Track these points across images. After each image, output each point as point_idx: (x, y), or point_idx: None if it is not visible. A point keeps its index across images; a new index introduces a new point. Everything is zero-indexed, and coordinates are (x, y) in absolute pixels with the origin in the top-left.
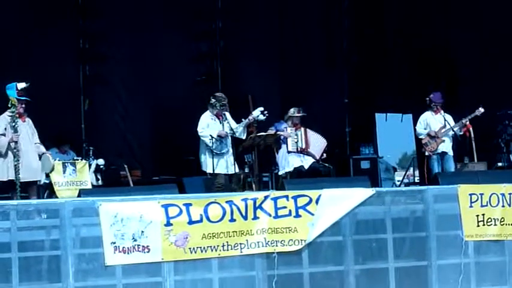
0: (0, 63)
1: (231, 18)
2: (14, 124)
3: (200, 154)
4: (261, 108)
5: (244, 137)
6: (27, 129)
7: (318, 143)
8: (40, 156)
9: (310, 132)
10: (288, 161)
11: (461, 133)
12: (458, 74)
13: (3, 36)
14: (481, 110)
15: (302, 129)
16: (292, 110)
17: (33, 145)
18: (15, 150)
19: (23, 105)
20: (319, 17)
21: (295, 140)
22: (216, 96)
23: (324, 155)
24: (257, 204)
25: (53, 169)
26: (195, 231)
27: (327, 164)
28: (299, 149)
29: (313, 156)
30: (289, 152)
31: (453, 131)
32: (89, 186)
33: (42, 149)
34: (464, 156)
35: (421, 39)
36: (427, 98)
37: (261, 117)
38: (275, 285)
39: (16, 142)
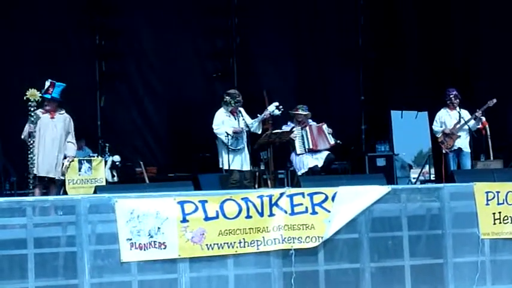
0: (17, 59)
1: (247, 15)
2: (32, 118)
3: (219, 151)
4: (276, 103)
5: (259, 132)
6: (55, 125)
7: (321, 133)
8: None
9: (314, 128)
10: (302, 162)
11: (479, 126)
12: (474, 71)
13: (20, 33)
14: (494, 100)
15: (307, 128)
16: (296, 107)
17: (60, 144)
18: (29, 142)
19: (46, 103)
20: (334, 14)
21: (302, 141)
22: (229, 93)
23: (330, 130)
24: (273, 201)
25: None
26: (212, 227)
27: (338, 141)
28: (307, 150)
29: (326, 149)
30: (298, 155)
31: (468, 125)
32: (103, 184)
33: (69, 151)
34: (481, 154)
35: (436, 35)
36: (451, 95)
37: (276, 112)
38: (291, 282)
39: (32, 133)
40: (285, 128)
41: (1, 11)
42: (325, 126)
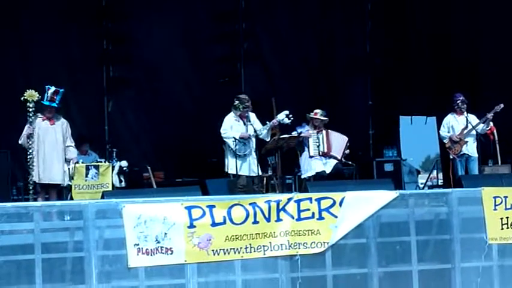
0: (25, 65)
1: (254, 20)
2: (30, 119)
3: (225, 155)
4: (286, 112)
5: (268, 139)
6: (55, 131)
7: (339, 142)
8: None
9: (331, 134)
10: (310, 165)
11: (486, 130)
12: (482, 75)
13: (28, 38)
14: (501, 105)
15: (324, 132)
16: (314, 111)
17: (60, 149)
18: (29, 143)
19: (49, 110)
20: (342, 20)
21: (317, 144)
22: (239, 97)
23: (347, 151)
24: (280, 207)
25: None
26: (218, 233)
27: (350, 162)
28: (321, 153)
29: (335, 158)
30: (311, 157)
31: (476, 130)
32: (109, 189)
33: (71, 154)
34: (489, 159)
35: (444, 40)
36: (458, 100)
37: (286, 120)
38: (299, 287)
39: (31, 135)
40: (300, 130)
41: (9, 16)
42: (347, 142)
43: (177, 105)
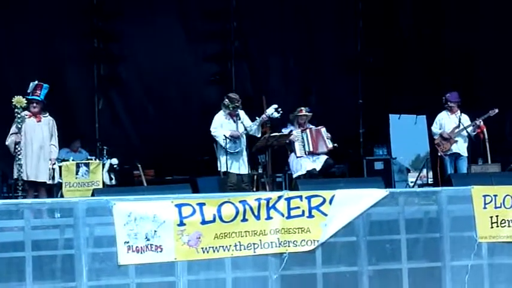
0: (15, 62)
1: (246, 19)
2: (18, 124)
3: (217, 154)
4: (275, 106)
5: (259, 135)
6: (41, 129)
7: (319, 137)
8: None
9: (313, 131)
10: (300, 164)
11: (475, 133)
12: (474, 74)
13: (18, 35)
14: (496, 110)
15: (308, 131)
16: (299, 109)
17: (46, 147)
18: (17, 150)
19: (34, 105)
20: (333, 18)
21: (302, 144)
22: (229, 96)
23: (329, 135)
24: (270, 204)
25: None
26: (208, 231)
27: (335, 144)
28: (307, 153)
29: (324, 153)
30: (298, 157)
31: (466, 131)
32: (100, 187)
33: (52, 154)
34: (478, 158)
35: (436, 39)
36: (443, 98)
37: (276, 114)
38: (288, 285)
39: (19, 143)
40: (284, 131)
41: None
42: (324, 130)
43: (168, 103)
